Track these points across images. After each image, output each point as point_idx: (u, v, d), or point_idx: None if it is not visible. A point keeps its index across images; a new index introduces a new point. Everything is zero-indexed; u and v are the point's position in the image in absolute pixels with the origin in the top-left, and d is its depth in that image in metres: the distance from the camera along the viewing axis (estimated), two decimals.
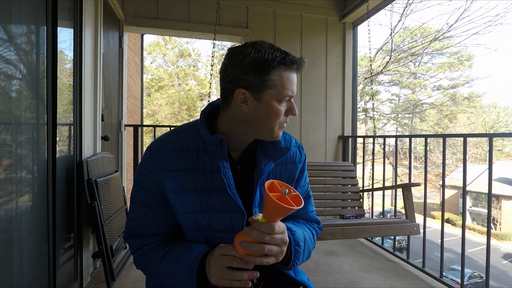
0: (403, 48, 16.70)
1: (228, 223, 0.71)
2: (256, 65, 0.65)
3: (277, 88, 0.66)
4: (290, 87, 0.67)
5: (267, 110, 0.67)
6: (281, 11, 3.09)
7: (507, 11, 23.82)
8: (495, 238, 15.47)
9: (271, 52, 0.65)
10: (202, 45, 22.83)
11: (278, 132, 0.71)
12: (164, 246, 0.72)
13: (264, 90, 0.66)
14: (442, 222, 1.99)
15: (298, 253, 0.71)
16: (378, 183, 11.37)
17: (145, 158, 0.72)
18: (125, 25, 2.71)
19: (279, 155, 0.75)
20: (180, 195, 0.69)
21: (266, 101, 0.67)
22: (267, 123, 0.69)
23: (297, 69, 0.68)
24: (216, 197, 0.70)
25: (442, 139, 2.05)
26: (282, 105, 0.69)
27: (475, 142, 19.02)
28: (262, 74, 0.65)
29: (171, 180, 0.69)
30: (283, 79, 0.66)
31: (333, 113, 3.25)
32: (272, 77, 0.65)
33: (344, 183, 2.35)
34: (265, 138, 0.72)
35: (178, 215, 0.70)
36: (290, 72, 0.67)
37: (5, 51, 1.02)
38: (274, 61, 0.65)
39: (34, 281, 1.19)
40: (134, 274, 1.95)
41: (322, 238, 1.59)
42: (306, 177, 0.87)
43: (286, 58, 0.65)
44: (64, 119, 1.57)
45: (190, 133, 0.73)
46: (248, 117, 0.69)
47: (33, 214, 1.21)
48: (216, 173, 0.70)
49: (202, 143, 0.71)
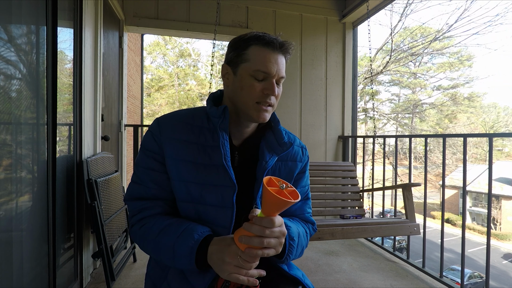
0: (403, 48, 16.70)
1: (220, 197, 0.71)
2: (236, 42, 0.74)
3: (250, 62, 0.71)
4: (265, 63, 0.70)
5: (241, 83, 0.72)
6: (281, 11, 3.09)
7: (507, 11, 23.83)
8: (495, 238, 15.47)
9: (253, 33, 0.72)
10: (202, 45, 22.87)
11: (255, 112, 0.73)
12: (166, 217, 0.72)
13: (240, 64, 0.72)
14: (442, 222, 1.99)
15: (292, 248, 0.73)
16: (378, 183, 11.37)
17: (152, 125, 0.76)
18: (125, 25, 2.71)
19: (282, 149, 0.77)
20: (177, 162, 0.72)
21: (240, 74, 0.73)
22: (242, 97, 0.72)
23: (278, 49, 0.72)
24: (212, 171, 0.72)
25: (442, 139, 2.05)
26: (257, 82, 0.71)
27: (475, 142, 19.02)
28: (239, 49, 0.73)
29: (172, 147, 0.72)
30: (256, 55, 0.71)
31: (333, 113, 3.25)
32: (247, 51, 0.72)
33: (345, 183, 2.35)
34: (246, 118, 0.75)
35: (173, 181, 0.73)
36: (266, 50, 0.71)
37: (5, 51, 1.02)
38: (250, 39, 0.72)
39: (34, 281, 1.19)
40: (134, 274, 1.95)
41: (322, 238, 1.59)
42: (307, 179, 0.87)
43: (262, 37, 0.71)
44: (64, 119, 1.57)
45: (197, 111, 0.78)
46: (230, 91, 0.76)
47: (33, 214, 1.21)
48: (216, 149, 0.72)
49: (207, 121, 0.76)
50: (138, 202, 0.74)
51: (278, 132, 0.79)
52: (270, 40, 0.71)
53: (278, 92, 0.74)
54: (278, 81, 0.74)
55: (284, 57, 0.75)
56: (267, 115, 0.74)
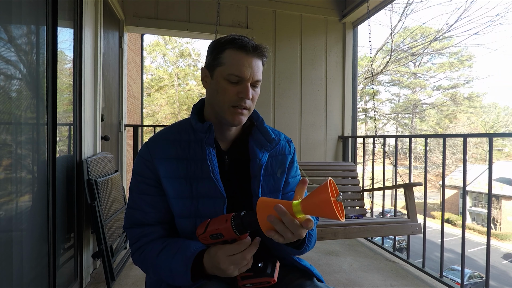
0: (403, 48, 16.70)
1: (212, 209, 0.74)
2: (213, 46, 0.75)
3: (225, 65, 0.72)
4: (238, 67, 0.71)
5: (216, 86, 0.74)
6: (281, 11, 3.09)
7: (507, 11, 23.84)
8: (495, 238, 15.47)
9: (229, 36, 0.73)
10: (202, 45, 22.83)
11: (230, 115, 0.74)
12: (162, 241, 0.74)
13: (216, 68, 0.74)
14: (442, 222, 1.99)
15: (311, 237, 0.75)
16: (378, 183, 11.35)
17: (141, 149, 0.79)
18: (125, 25, 2.71)
19: (271, 146, 0.80)
20: (172, 181, 0.74)
21: (216, 77, 0.74)
22: (218, 100, 0.74)
23: (251, 52, 0.71)
24: (204, 184, 0.74)
25: (442, 139, 2.05)
26: (232, 85, 0.72)
27: (475, 142, 19.02)
28: (215, 53, 0.74)
29: (164, 167, 0.74)
30: (230, 58, 0.71)
31: (333, 113, 3.25)
32: (222, 55, 0.72)
33: (346, 183, 2.35)
34: (224, 122, 0.76)
35: (170, 199, 0.74)
36: (240, 54, 0.71)
37: (5, 51, 1.02)
38: (226, 42, 0.72)
39: (34, 281, 1.19)
40: (134, 274, 1.95)
41: (324, 237, 1.59)
42: (297, 168, 0.90)
43: (236, 41, 0.71)
44: (64, 119, 1.57)
45: (183, 125, 0.80)
46: (208, 95, 0.78)
47: (33, 214, 1.21)
48: (205, 161, 0.74)
49: (193, 134, 0.77)
50: (137, 230, 0.76)
51: (264, 130, 0.81)
52: (243, 43, 0.71)
53: (254, 95, 0.75)
54: (254, 83, 0.74)
55: (260, 61, 0.75)
56: (243, 118, 0.75)
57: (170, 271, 0.69)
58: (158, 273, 0.72)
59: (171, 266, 0.68)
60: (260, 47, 0.73)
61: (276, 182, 0.81)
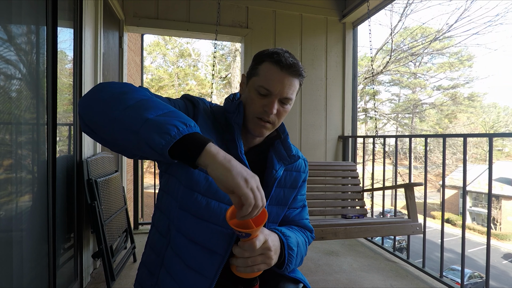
0: (403, 48, 16.69)
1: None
2: (257, 56, 0.76)
3: (259, 77, 0.73)
4: (269, 81, 0.71)
5: (248, 94, 0.76)
6: (281, 11, 3.09)
7: (507, 11, 23.80)
8: (495, 238, 15.47)
9: (273, 50, 0.74)
10: (202, 45, 22.88)
11: (253, 125, 0.75)
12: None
13: (251, 77, 0.76)
14: (442, 222, 1.99)
15: (291, 257, 0.75)
16: (377, 183, 11.33)
17: (204, 101, 0.80)
18: (125, 25, 2.71)
19: (290, 161, 0.82)
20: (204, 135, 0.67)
21: (249, 86, 0.76)
22: (246, 108, 0.76)
23: (285, 69, 0.71)
24: None
25: (442, 139, 2.05)
26: (260, 97, 0.73)
27: (475, 142, 19.02)
28: (255, 63, 0.76)
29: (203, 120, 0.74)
30: (265, 72, 0.72)
31: (333, 113, 3.25)
32: (260, 66, 0.74)
33: (346, 183, 2.35)
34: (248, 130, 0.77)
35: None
36: (275, 69, 0.71)
37: (5, 51, 1.02)
38: (266, 55, 0.73)
39: (34, 281, 1.19)
40: (134, 274, 1.95)
41: (325, 237, 1.59)
42: (305, 188, 0.93)
43: (274, 55, 0.72)
44: (64, 119, 1.57)
45: (221, 110, 0.81)
46: (243, 100, 0.79)
47: (33, 214, 1.21)
48: (232, 142, 0.75)
49: (224, 119, 0.78)
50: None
51: (287, 145, 0.82)
52: (279, 59, 0.71)
53: (281, 111, 0.74)
54: (283, 100, 0.73)
55: (296, 79, 0.74)
56: (265, 131, 0.76)
57: (146, 120, 0.52)
58: (117, 109, 0.53)
59: (152, 113, 0.53)
60: (295, 65, 0.72)
61: (286, 196, 0.83)
